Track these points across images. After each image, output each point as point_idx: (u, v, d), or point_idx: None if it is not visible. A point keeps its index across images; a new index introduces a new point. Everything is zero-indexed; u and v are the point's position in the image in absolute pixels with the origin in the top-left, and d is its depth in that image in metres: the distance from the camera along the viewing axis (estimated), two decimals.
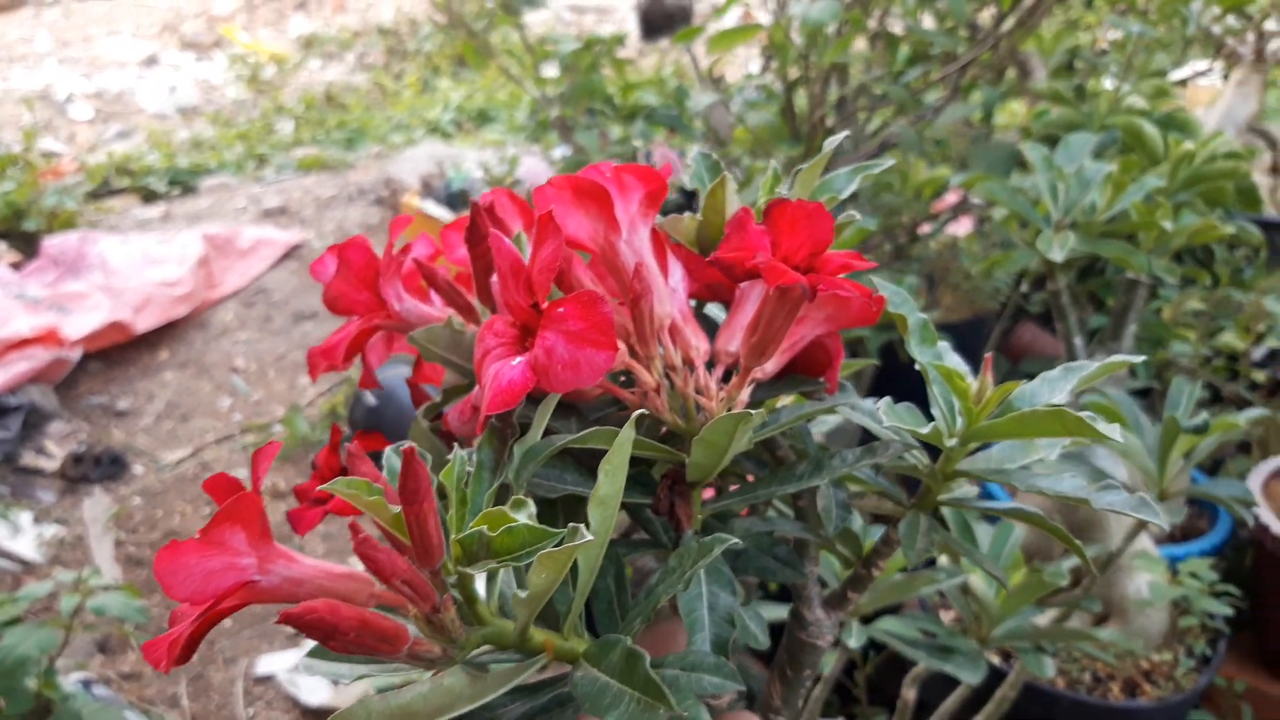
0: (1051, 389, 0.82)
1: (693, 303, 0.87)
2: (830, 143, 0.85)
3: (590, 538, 0.54)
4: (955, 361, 0.88)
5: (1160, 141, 2.11)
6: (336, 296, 0.83)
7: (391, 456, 0.72)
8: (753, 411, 0.64)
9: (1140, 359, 0.80)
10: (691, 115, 2.89)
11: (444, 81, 9.09)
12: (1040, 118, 2.32)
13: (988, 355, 0.81)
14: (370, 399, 3.58)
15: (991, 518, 1.82)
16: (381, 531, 0.60)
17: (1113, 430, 0.71)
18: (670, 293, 0.78)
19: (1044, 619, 1.78)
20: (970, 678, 1.39)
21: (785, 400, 0.87)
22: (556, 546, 0.55)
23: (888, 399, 0.78)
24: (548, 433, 0.73)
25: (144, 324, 4.41)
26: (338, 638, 0.51)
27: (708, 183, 0.87)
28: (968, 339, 3.16)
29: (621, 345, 0.72)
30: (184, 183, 6.76)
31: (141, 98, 9.01)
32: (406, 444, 0.55)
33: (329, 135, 7.79)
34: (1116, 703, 1.89)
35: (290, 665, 2.77)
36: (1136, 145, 2.12)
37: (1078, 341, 2.01)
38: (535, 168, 4.05)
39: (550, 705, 0.65)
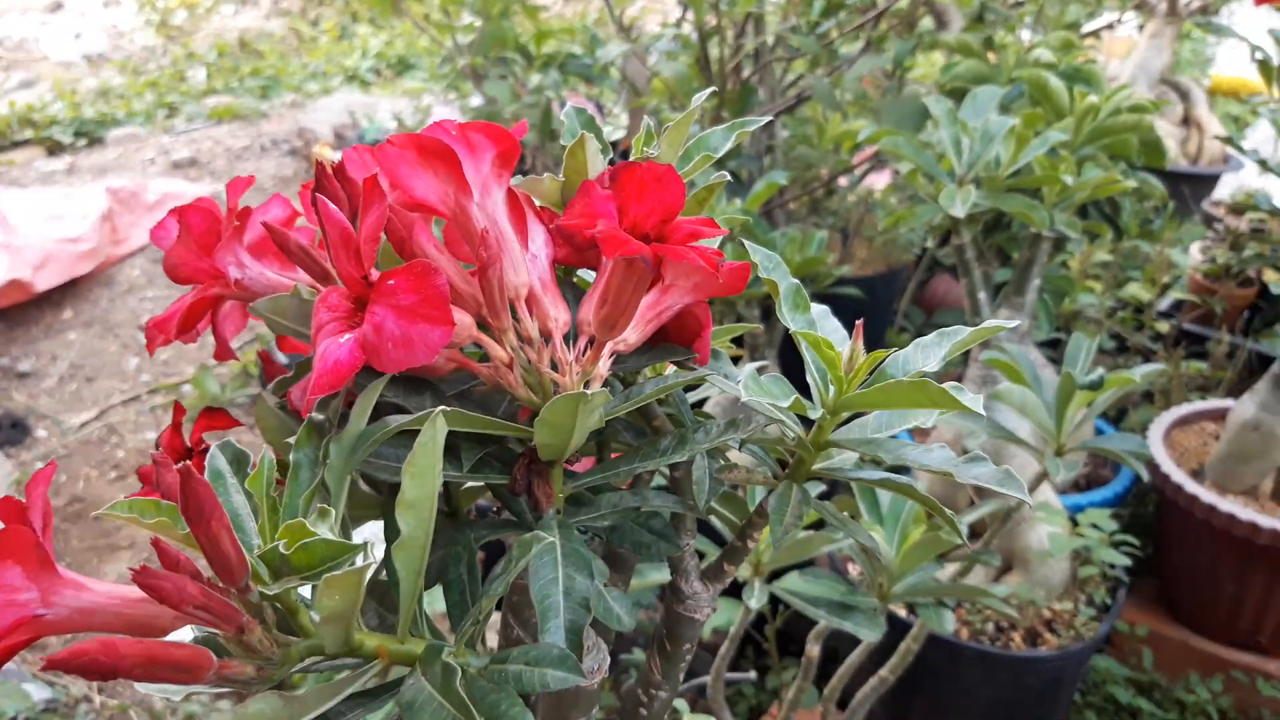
0: (925, 355, 0.80)
1: (561, 270, 0.83)
2: (697, 99, 0.82)
3: (375, 561, 0.51)
4: (832, 328, 0.86)
5: (1065, 95, 2.11)
6: (177, 264, 0.78)
7: (215, 455, 0.68)
8: (589, 392, 0.61)
9: (1013, 324, 0.79)
10: (604, 65, 2.83)
11: (363, 28, 8.83)
12: (949, 70, 2.31)
13: (858, 322, 0.79)
14: (282, 356, 3.49)
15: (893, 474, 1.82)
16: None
17: (974, 402, 0.69)
18: (530, 259, 0.74)
19: (945, 574, 1.80)
20: (869, 635, 1.39)
21: (672, 368, 0.84)
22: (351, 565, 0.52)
23: (751, 369, 0.76)
24: (398, 410, 0.70)
25: (45, 282, 4.24)
26: (121, 675, 0.48)
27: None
28: (882, 291, 3.17)
29: (469, 318, 0.69)
30: (90, 134, 6.49)
31: (46, 45, 8.60)
32: (185, 464, 0.51)
33: (243, 84, 7.54)
34: (1019, 652, 1.93)
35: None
36: (1042, 99, 2.12)
37: (982, 296, 2.02)
38: (449, 117, 3.94)
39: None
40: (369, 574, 0.52)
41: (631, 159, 0.84)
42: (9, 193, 4.91)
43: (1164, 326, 2.92)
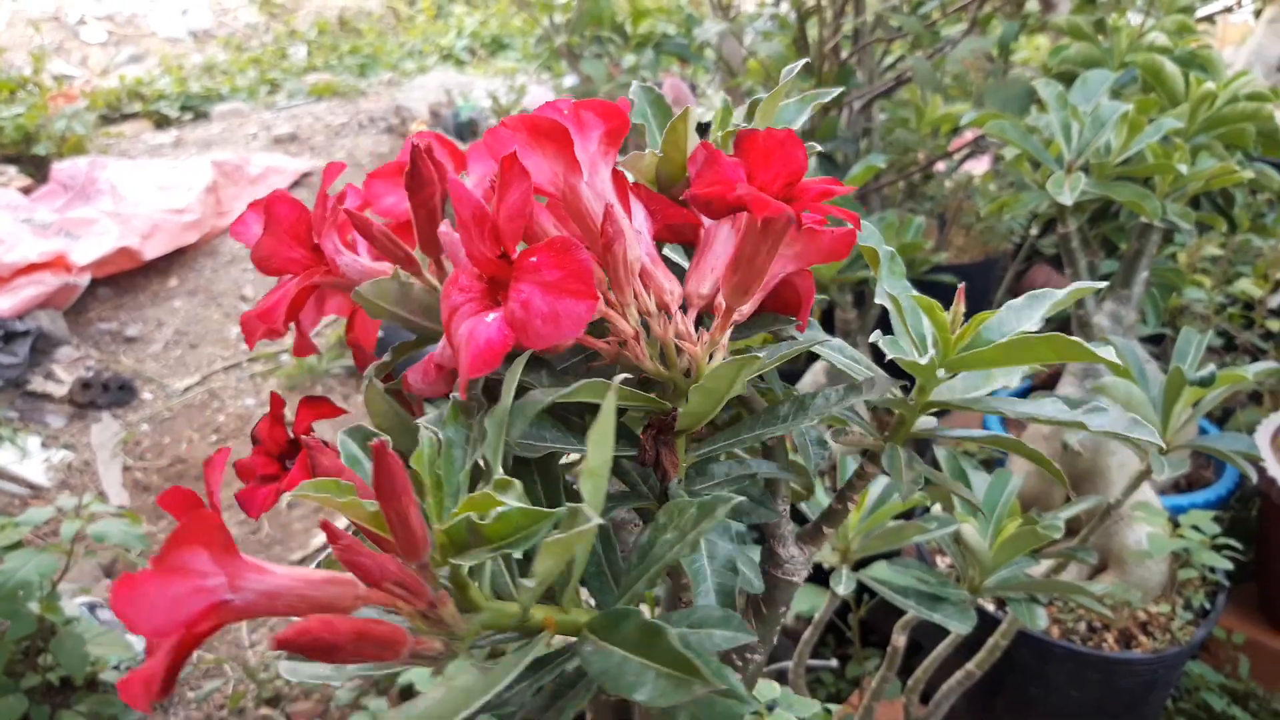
0: (1018, 317, 0.79)
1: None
2: (787, 71, 0.81)
3: (596, 522, 0.51)
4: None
5: (1181, 81, 2.04)
6: (268, 256, 0.79)
7: (346, 441, 0.69)
8: (758, 355, 0.62)
9: (1102, 285, 0.77)
10: (700, 44, 2.82)
11: (459, 7, 8.92)
12: (1058, 54, 2.25)
13: (960, 285, 0.79)
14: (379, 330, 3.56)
15: (988, 467, 1.79)
16: (356, 526, 0.58)
17: (1107, 351, 0.68)
18: (636, 235, 0.75)
19: (1039, 569, 1.77)
20: (959, 628, 1.37)
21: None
22: (555, 527, 0.52)
23: (878, 332, 0.76)
24: (520, 390, 0.71)
25: (153, 251, 4.39)
26: (337, 654, 0.49)
27: (650, 117, 0.84)
28: (978, 280, 3.11)
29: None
30: (196, 108, 6.70)
31: (154, 21, 8.89)
32: (381, 437, 0.52)
33: (342, 61, 7.69)
34: (1111, 653, 1.88)
35: None
36: (1156, 84, 2.05)
37: None
38: (543, 97, 3.97)
39: (562, 686, 0.63)
40: (593, 535, 0.52)
41: (716, 133, 0.84)
42: (119, 163, 5.10)
43: (1275, 324, 2.80)
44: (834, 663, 2.08)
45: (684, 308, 0.73)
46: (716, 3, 2.92)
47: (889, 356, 0.76)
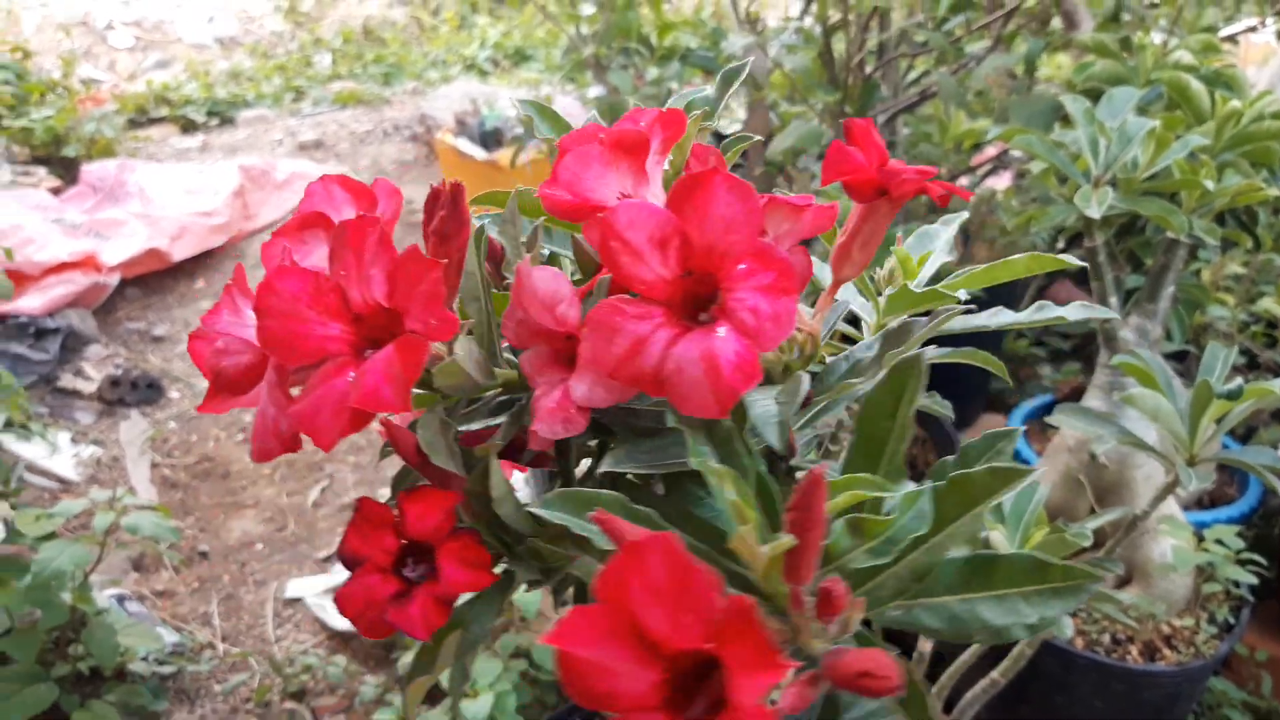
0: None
1: None
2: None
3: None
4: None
5: (1206, 99, 2.06)
6: (289, 339, 0.68)
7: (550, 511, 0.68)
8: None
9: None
10: (727, 57, 2.85)
11: (482, 18, 9.00)
12: (1083, 70, 2.27)
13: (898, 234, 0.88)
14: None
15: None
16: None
17: (1071, 258, 0.79)
18: None
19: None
20: None
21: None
22: None
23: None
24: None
25: (181, 252, 4.45)
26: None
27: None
28: (1003, 295, 3.13)
29: None
30: (222, 114, 6.77)
31: (180, 27, 8.99)
32: (809, 474, 0.55)
33: (366, 70, 7.76)
34: (1135, 665, 1.89)
35: (319, 589, 2.83)
36: (1182, 102, 2.07)
37: (1113, 301, 1.98)
38: (569, 108, 4.02)
39: None
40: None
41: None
42: (148, 166, 5.16)
43: None
44: None
45: None
46: (743, 16, 2.95)
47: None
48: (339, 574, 2.84)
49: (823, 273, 0.92)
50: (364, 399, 0.63)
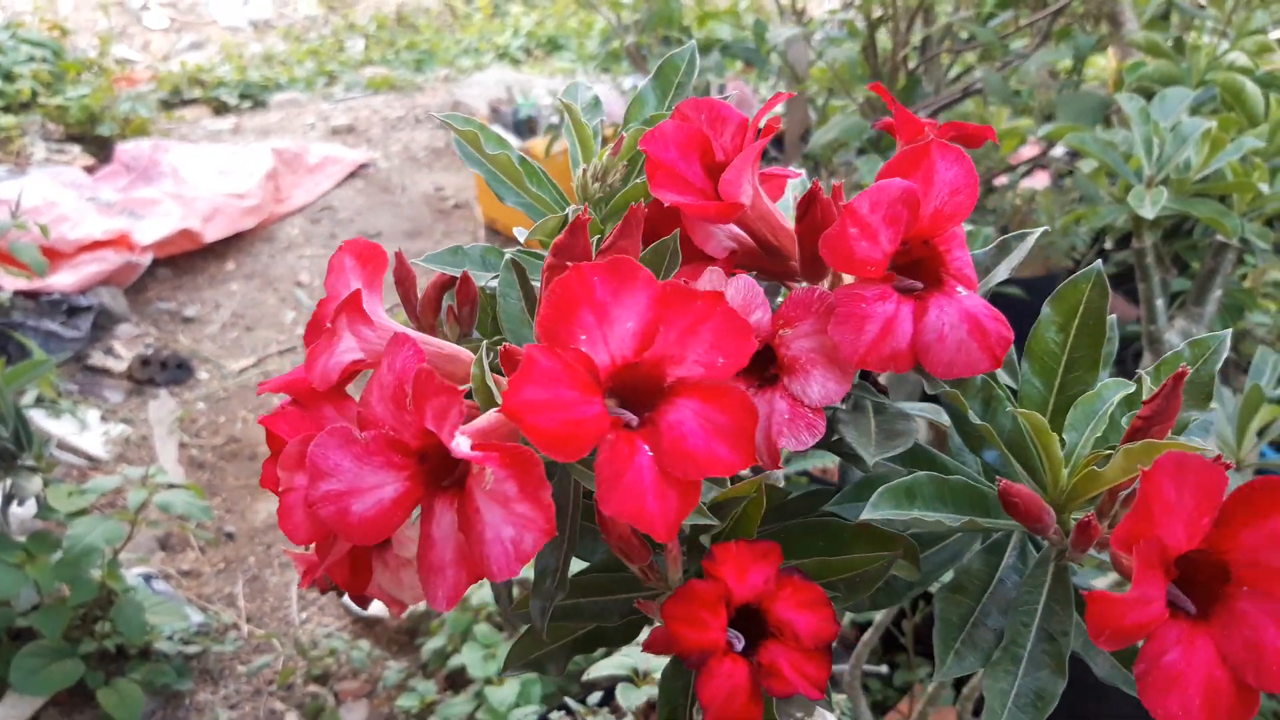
0: None
1: None
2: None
3: None
4: None
5: (1261, 101, 2.02)
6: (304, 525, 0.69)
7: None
8: None
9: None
10: (770, 48, 2.83)
11: (515, 6, 8.98)
12: (1135, 70, 2.23)
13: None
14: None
15: None
16: None
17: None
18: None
19: (1104, 581, 1.76)
20: None
21: None
22: None
23: None
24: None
25: (213, 234, 4.46)
26: None
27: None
28: (1038, 296, 3.09)
29: None
30: (254, 97, 6.80)
31: (215, 9, 9.02)
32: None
33: (398, 56, 7.77)
34: None
35: None
36: (1236, 104, 2.03)
37: (1159, 303, 1.95)
38: (606, 97, 4.00)
39: None
40: None
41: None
42: (181, 147, 5.18)
43: None
44: (883, 669, 2.07)
45: None
46: (788, 7, 2.93)
47: None
48: None
49: None
50: (704, 465, 0.58)
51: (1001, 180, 3.22)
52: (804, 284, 0.74)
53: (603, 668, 1.66)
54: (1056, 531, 0.67)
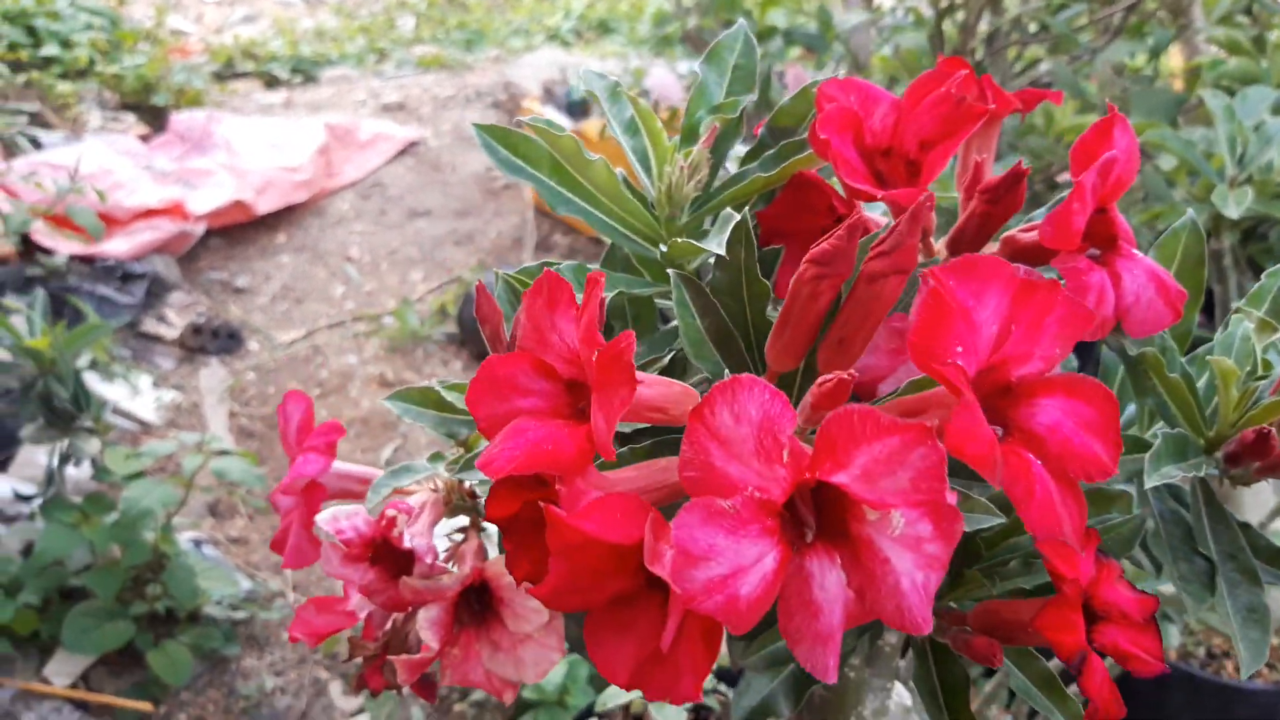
0: None
1: None
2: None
3: None
4: None
5: None
6: None
7: None
8: None
9: None
10: (836, 35, 2.80)
11: None
12: (1215, 67, 2.19)
13: None
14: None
15: None
16: None
17: None
18: None
19: (1167, 587, 1.73)
20: None
21: None
22: None
23: None
24: None
25: (265, 206, 4.49)
26: None
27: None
28: None
29: None
30: (306, 71, 6.83)
31: None
32: None
33: (449, 35, 7.77)
34: (1231, 680, 1.83)
35: None
36: None
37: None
38: (664, 79, 3.97)
39: None
40: None
41: None
42: (234, 119, 5.22)
43: None
44: None
45: None
46: None
47: None
48: None
49: None
50: (1090, 465, 0.59)
51: (1065, 176, 3.17)
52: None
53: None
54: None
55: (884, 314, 0.63)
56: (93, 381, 3.24)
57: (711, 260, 0.80)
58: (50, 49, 5.71)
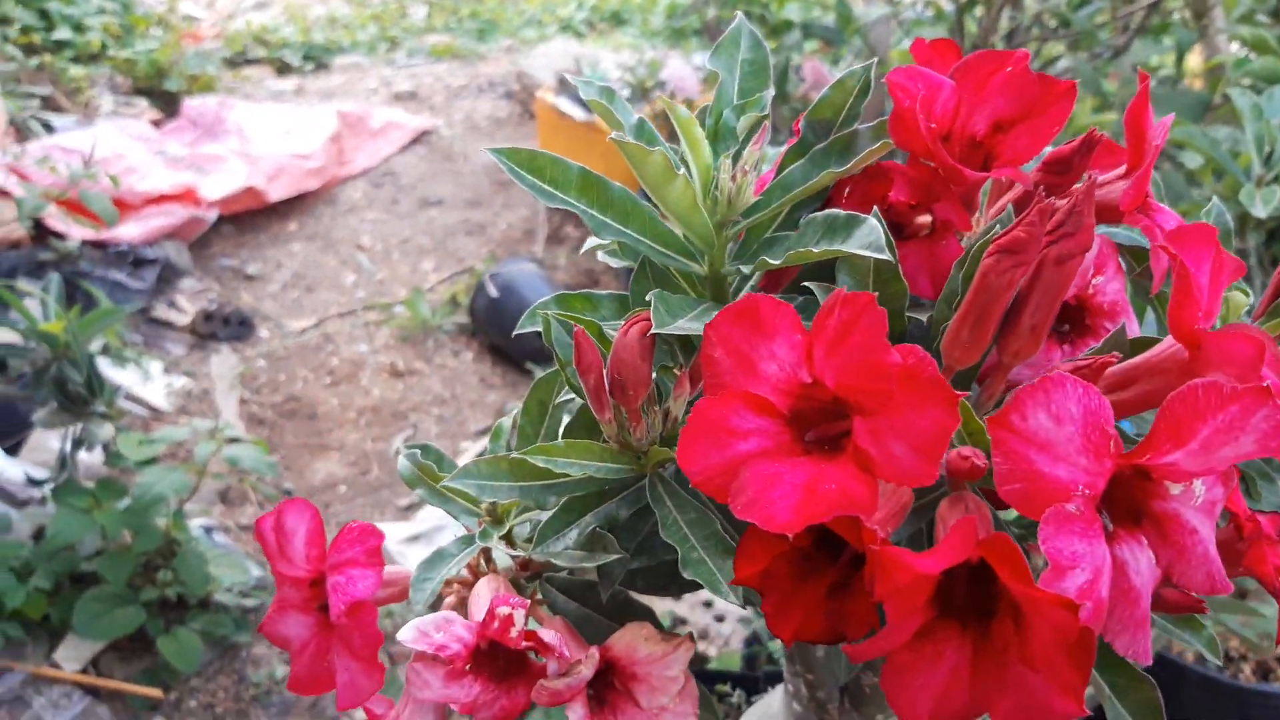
0: None
1: None
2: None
3: None
4: None
5: None
6: None
7: None
8: None
9: None
10: (856, 29, 2.78)
11: None
12: (1241, 66, 2.17)
13: None
14: (493, 290, 3.59)
15: None
16: None
17: None
18: None
19: None
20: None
21: None
22: None
23: None
24: None
25: (277, 193, 4.49)
26: None
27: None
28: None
29: None
30: (317, 59, 6.82)
31: None
32: None
33: (461, 24, 7.75)
34: (1247, 683, 1.82)
35: (400, 537, 2.85)
36: None
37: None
38: (680, 71, 3.95)
39: None
40: None
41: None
42: (246, 105, 5.21)
43: None
44: None
45: None
46: None
47: None
48: (420, 522, 2.85)
49: None
50: None
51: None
52: None
53: None
54: None
55: (1063, 295, 0.64)
56: (104, 367, 3.24)
57: (752, 281, 0.78)
58: (63, 33, 5.70)
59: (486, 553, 0.81)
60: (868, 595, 0.52)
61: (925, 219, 0.77)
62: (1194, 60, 3.69)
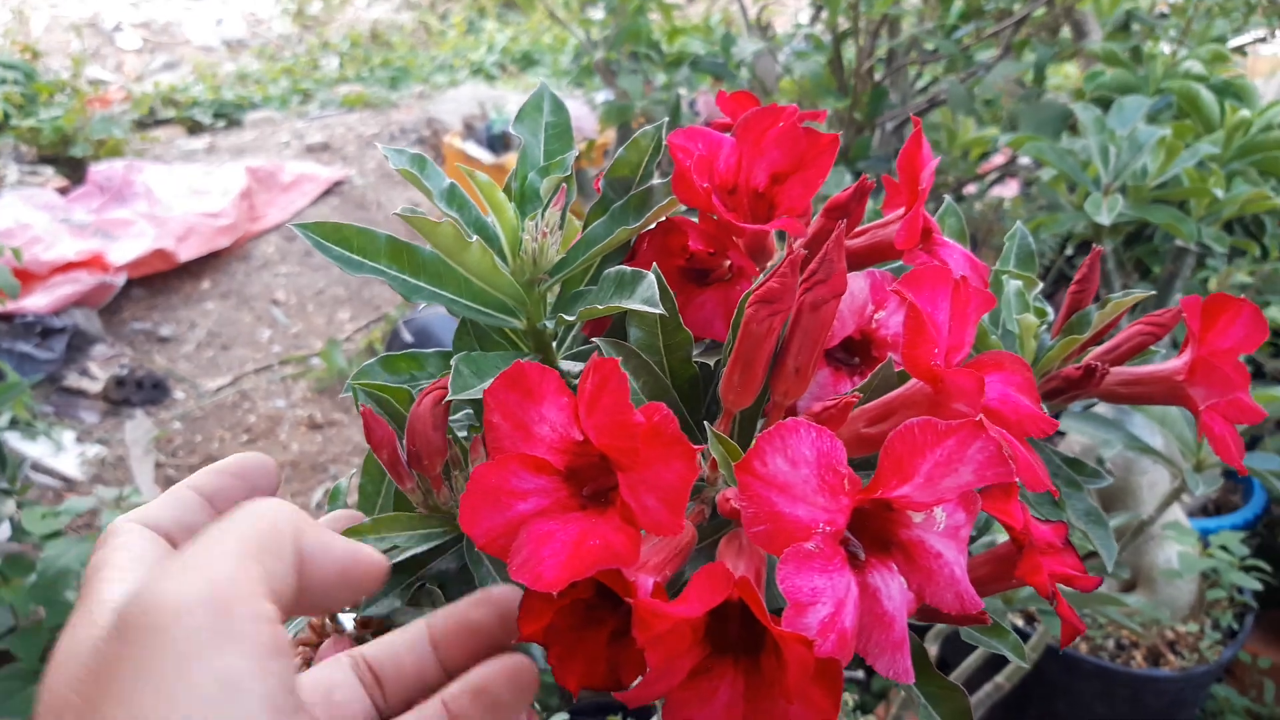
0: None
1: None
2: None
3: None
4: None
5: (1216, 108, 2.07)
6: None
7: None
8: None
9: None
10: (737, 63, 2.86)
11: (489, 23, 9.02)
12: (1094, 79, 2.28)
13: None
14: (407, 335, 3.61)
15: None
16: None
17: None
18: None
19: None
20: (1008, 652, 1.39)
21: None
22: None
23: None
24: None
25: (187, 253, 4.46)
26: None
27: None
28: None
29: None
30: (229, 115, 6.79)
31: (189, 29, 9.02)
32: None
33: (373, 73, 7.78)
34: (1139, 670, 1.89)
35: None
36: (1191, 111, 2.08)
37: None
38: (578, 112, 4.02)
39: None
40: None
41: None
42: (155, 167, 5.18)
43: None
44: (860, 674, 2.09)
45: None
46: (753, 22, 2.96)
47: None
48: None
49: None
50: None
51: (971, 189, 3.27)
52: None
53: None
54: None
55: (824, 337, 0.67)
56: (14, 440, 3.19)
57: (574, 329, 0.82)
58: None
59: (330, 614, 0.83)
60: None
61: (726, 264, 0.81)
62: (1077, 73, 3.84)
